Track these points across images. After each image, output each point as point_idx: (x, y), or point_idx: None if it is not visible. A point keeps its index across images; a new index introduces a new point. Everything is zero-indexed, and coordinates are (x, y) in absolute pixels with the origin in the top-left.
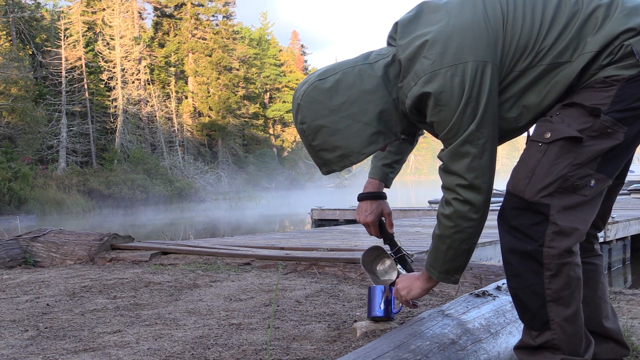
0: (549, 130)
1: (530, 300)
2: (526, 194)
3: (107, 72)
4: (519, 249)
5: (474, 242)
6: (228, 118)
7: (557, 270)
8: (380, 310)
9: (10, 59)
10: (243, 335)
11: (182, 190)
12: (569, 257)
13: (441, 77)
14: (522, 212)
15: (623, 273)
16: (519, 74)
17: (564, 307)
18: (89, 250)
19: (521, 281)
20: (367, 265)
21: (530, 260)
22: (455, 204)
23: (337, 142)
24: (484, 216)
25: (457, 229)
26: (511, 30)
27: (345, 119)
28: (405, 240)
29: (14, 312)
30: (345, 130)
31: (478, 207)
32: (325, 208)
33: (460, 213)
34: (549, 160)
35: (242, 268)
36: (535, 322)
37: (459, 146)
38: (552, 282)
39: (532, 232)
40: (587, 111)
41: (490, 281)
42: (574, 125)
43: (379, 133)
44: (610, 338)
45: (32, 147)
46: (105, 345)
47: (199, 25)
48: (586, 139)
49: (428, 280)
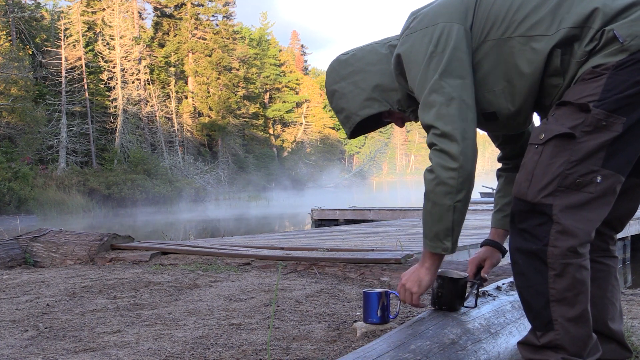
0: (543, 132)
1: (534, 299)
2: (529, 196)
3: (107, 72)
4: (524, 248)
5: (458, 200)
6: (228, 118)
7: (562, 270)
8: (377, 317)
9: (10, 59)
10: (243, 335)
11: (182, 190)
12: (574, 257)
13: (412, 38)
14: (528, 214)
15: (623, 273)
16: (494, 45)
17: (568, 308)
18: (89, 250)
19: (525, 280)
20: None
21: (535, 260)
22: (433, 156)
23: (343, 104)
24: (464, 170)
25: (438, 181)
26: (484, 2)
27: (350, 85)
28: (405, 240)
29: (14, 312)
30: (348, 94)
31: (455, 156)
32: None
33: (438, 163)
34: (545, 160)
35: (242, 268)
36: (539, 321)
37: (426, 97)
38: (557, 282)
39: (538, 232)
40: (576, 107)
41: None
42: (566, 122)
43: (373, 99)
44: (613, 339)
45: (32, 147)
46: (105, 345)
47: (199, 25)
48: (580, 135)
49: (427, 258)
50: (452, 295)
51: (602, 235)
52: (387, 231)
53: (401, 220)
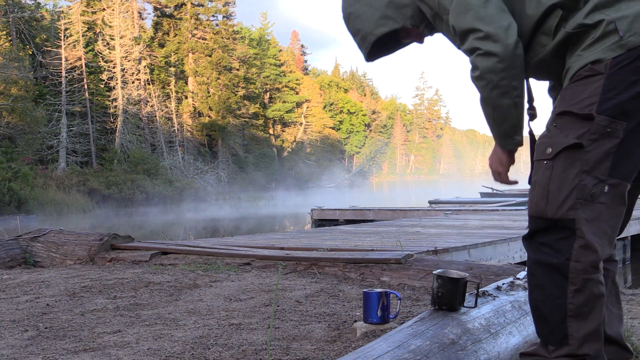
0: (549, 146)
1: (552, 313)
2: (548, 213)
3: (107, 72)
4: (544, 261)
5: (516, 95)
6: (228, 118)
7: (582, 285)
8: (377, 317)
9: (10, 59)
10: (243, 335)
11: (182, 190)
12: (594, 273)
13: None
14: (549, 229)
15: (623, 273)
16: None
17: (584, 323)
18: (89, 250)
19: (544, 293)
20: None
21: (556, 274)
22: (479, 61)
23: (358, 25)
24: (514, 67)
25: (492, 84)
26: None
27: (364, 6)
28: (405, 240)
29: (14, 312)
30: (363, 15)
31: (502, 56)
32: (325, 208)
33: (487, 68)
34: (558, 174)
35: (242, 268)
36: (555, 336)
37: (461, 2)
38: (576, 297)
39: (560, 246)
40: (579, 117)
41: (490, 281)
42: (572, 133)
43: (386, 17)
44: (612, 342)
45: (32, 147)
46: (105, 345)
47: (199, 25)
48: (588, 144)
49: (503, 151)
50: (452, 295)
51: None
52: (387, 231)
53: (401, 220)
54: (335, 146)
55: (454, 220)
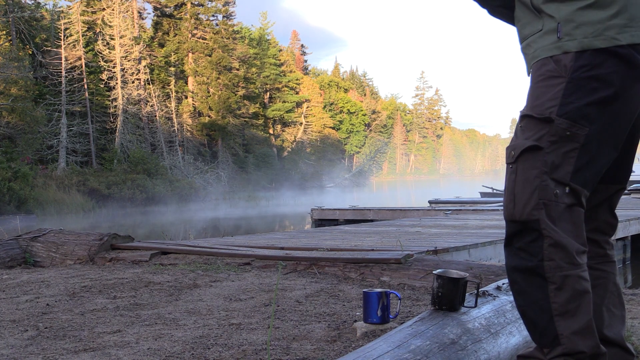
0: (512, 149)
1: (538, 316)
2: (516, 216)
3: (107, 72)
4: (521, 266)
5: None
6: (228, 118)
7: (562, 283)
8: (377, 317)
9: (10, 59)
10: (243, 335)
11: (182, 190)
12: (572, 269)
13: None
14: (522, 233)
15: (623, 273)
16: None
17: (572, 321)
18: (89, 250)
19: (527, 298)
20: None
21: (534, 276)
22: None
23: None
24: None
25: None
26: None
27: None
28: (405, 240)
29: (14, 312)
30: None
31: None
32: (325, 208)
33: None
34: (521, 176)
35: (242, 268)
36: (545, 338)
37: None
38: (558, 296)
39: (532, 249)
40: (539, 120)
41: (490, 281)
42: (532, 135)
43: None
44: (613, 344)
45: (32, 147)
46: (105, 345)
47: (199, 25)
48: (547, 145)
49: None
50: (452, 295)
51: (596, 241)
52: (387, 231)
53: (401, 220)
54: (336, 146)
55: (454, 220)
